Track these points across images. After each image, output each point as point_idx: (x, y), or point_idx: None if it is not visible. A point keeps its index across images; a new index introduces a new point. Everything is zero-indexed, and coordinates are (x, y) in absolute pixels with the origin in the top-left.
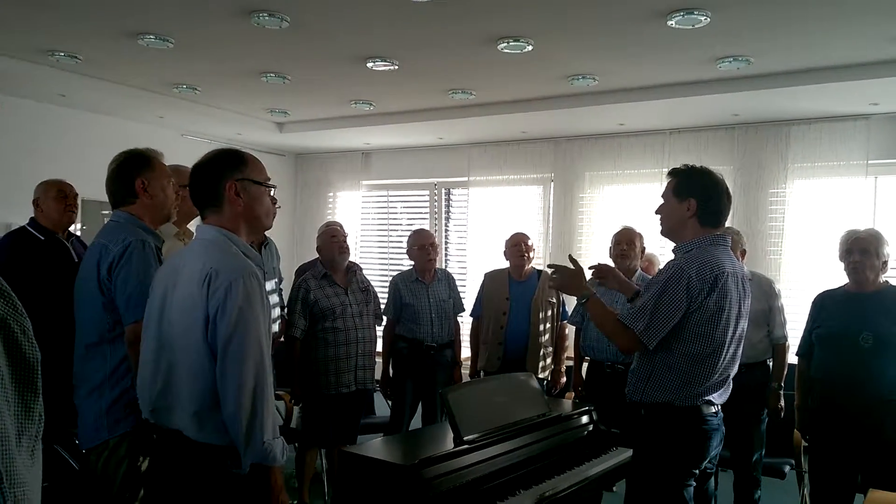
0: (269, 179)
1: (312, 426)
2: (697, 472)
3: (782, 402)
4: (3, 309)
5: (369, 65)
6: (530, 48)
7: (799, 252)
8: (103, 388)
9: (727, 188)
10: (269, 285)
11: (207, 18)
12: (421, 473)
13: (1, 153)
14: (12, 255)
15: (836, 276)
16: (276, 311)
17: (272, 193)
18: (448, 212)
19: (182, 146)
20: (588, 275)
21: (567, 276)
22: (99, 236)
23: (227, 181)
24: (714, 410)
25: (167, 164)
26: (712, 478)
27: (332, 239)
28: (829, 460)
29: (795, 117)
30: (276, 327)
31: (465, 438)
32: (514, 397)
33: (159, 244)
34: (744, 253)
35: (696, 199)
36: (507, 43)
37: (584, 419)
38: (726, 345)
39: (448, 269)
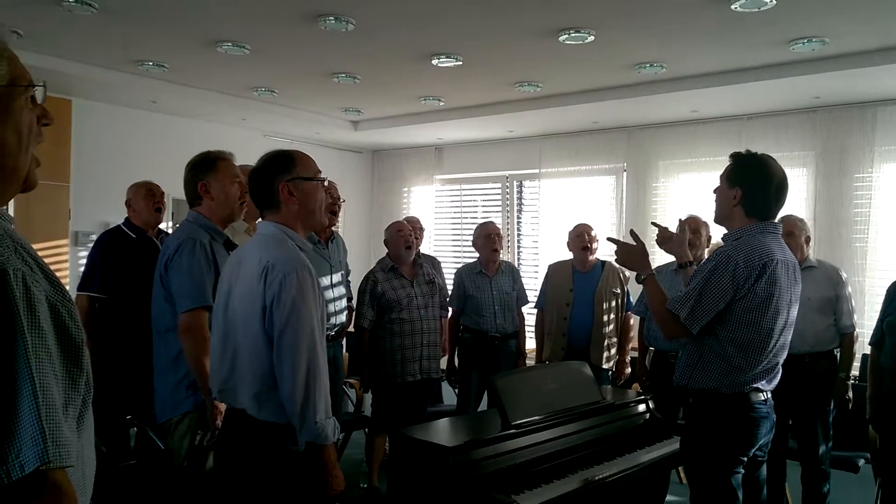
0: (319, 173)
1: (380, 413)
2: (746, 459)
3: (850, 394)
4: (54, 296)
5: (434, 62)
6: (592, 38)
7: (887, 239)
8: (168, 371)
9: (781, 180)
10: (336, 277)
11: (278, 24)
12: (464, 455)
13: (99, 157)
14: (107, 252)
15: None
16: (343, 303)
17: (325, 184)
18: (520, 204)
19: (264, 147)
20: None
21: (631, 252)
22: (171, 235)
23: (279, 183)
24: (763, 398)
25: (244, 164)
26: (764, 465)
27: (399, 234)
28: None
29: (882, 98)
30: (343, 317)
31: (512, 423)
32: (567, 385)
33: (221, 241)
34: (808, 240)
35: (742, 189)
36: (569, 34)
37: (640, 408)
38: (776, 332)
39: (521, 261)
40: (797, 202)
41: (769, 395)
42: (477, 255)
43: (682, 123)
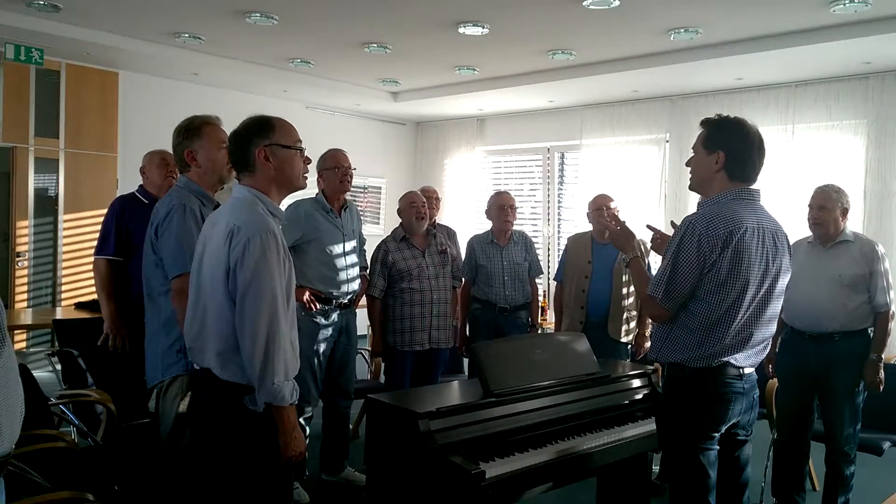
0: (299, 142)
1: (390, 380)
2: (716, 435)
3: (882, 375)
4: None
5: (461, 30)
6: (617, 3)
7: None
8: (159, 335)
9: (760, 142)
10: (349, 245)
11: None
12: (436, 421)
13: (145, 128)
14: (120, 217)
15: None
16: (355, 271)
17: (304, 154)
18: (562, 175)
19: (308, 118)
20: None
21: (623, 235)
22: (161, 200)
23: (256, 148)
24: (736, 373)
25: None
26: (746, 445)
27: (411, 205)
28: None
29: None
30: (355, 286)
31: (494, 391)
32: (558, 356)
33: (211, 206)
34: (845, 212)
35: (725, 152)
36: None
37: (638, 382)
38: (745, 305)
39: (560, 232)
40: (848, 173)
41: (747, 371)
42: (490, 223)
43: (726, 92)
